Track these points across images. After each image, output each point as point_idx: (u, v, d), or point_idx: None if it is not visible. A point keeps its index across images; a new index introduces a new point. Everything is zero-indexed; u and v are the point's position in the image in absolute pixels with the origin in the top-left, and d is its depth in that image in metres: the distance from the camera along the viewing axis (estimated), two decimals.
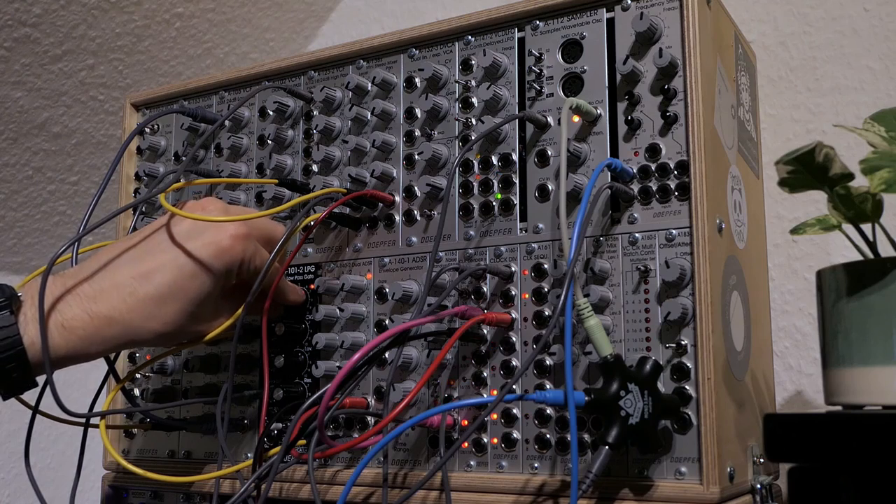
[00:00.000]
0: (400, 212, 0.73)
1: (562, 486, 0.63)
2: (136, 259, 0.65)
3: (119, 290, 0.63)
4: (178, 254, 0.64)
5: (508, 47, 0.70)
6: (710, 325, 0.59)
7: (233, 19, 1.18)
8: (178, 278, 0.64)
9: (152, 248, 0.65)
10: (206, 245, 0.65)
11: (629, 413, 0.56)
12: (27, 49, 1.01)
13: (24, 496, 1.19)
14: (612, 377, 0.57)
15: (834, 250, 0.89)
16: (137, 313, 0.63)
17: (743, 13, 0.95)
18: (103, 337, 0.62)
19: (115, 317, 0.63)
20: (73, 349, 0.62)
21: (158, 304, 0.64)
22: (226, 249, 0.65)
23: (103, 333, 0.62)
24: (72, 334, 0.61)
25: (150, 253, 0.65)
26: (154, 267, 0.64)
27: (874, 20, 0.90)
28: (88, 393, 0.79)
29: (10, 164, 1.09)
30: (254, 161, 0.82)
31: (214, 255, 0.65)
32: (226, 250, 0.65)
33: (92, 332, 0.62)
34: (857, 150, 0.69)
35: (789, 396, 0.89)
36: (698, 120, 0.61)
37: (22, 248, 1.16)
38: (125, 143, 0.81)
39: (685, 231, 0.61)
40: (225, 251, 0.65)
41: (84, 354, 0.63)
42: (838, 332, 0.58)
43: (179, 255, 0.64)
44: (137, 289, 0.63)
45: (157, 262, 0.64)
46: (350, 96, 0.77)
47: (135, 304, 0.63)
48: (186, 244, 0.65)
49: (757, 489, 0.64)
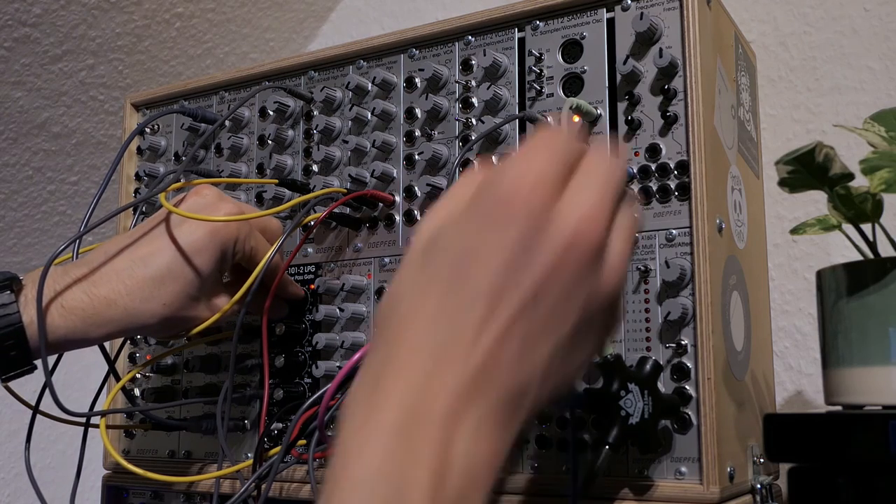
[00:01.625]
0: (400, 212, 0.73)
1: (562, 486, 0.63)
2: (134, 246, 0.66)
3: (118, 274, 0.64)
4: (174, 237, 0.66)
5: (508, 47, 0.70)
6: (710, 325, 0.59)
7: (233, 19, 1.18)
8: (175, 259, 0.66)
9: (149, 235, 0.67)
10: (201, 225, 0.66)
11: (629, 413, 0.56)
12: (27, 49, 1.01)
13: (24, 496, 1.19)
14: (612, 377, 0.57)
15: (834, 250, 0.89)
16: (137, 295, 0.64)
17: (743, 13, 0.95)
18: (103, 318, 0.63)
19: (115, 298, 0.64)
20: (73, 330, 0.62)
21: (157, 286, 0.65)
22: (219, 228, 0.67)
23: (103, 315, 0.63)
24: (71, 314, 0.62)
25: (148, 239, 0.67)
26: (151, 250, 0.66)
27: (874, 20, 0.90)
28: (88, 393, 0.79)
29: (10, 164, 1.09)
30: (254, 161, 0.82)
31: (209, 234, 0.66)
32: (219, 228, 0.67)
33: (92, 314, 0.63)
34: (857, 150, 0.69)
35: (789, 396, 0.89)
36: (698, 120, 0.61)
37: (22, 248, 1.16)
38: (125, 144, 0.81)
39: (685, 231, 0.61)
40: (219, 229, 0.67)
41: (83, 338, 0.63)
42: (838, 332, 0.58)
43: (175, 237, 0.66)
44: (136, 271, 0.65)
45: (155, 246, 0.66)
46: (350, 96, 0.77)
47: (133, 285, 0.64)
48: (182, 227, 0.66)
49: (757, 489, 0.64)
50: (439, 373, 0.38)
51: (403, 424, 0.37)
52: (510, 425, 0.39)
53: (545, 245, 0.40)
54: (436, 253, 0.41)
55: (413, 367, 0.38)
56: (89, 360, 1.17)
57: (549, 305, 0.40)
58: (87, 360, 1.17)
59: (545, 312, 0.40)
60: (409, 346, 0.39)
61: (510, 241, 0.39)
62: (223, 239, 0.67)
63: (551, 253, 0.40)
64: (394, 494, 0.35)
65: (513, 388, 0.39)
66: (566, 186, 0.41)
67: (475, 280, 0.39)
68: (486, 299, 0.39)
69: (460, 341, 0.38)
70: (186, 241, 0.66)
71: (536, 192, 0.40)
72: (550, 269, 0.40)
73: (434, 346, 0.38)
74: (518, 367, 0.39)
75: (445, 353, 0.38)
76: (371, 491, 0.35)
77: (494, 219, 0.40)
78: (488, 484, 0.38)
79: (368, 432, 0.37)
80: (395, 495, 0.35)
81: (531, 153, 0.42)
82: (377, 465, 0.36)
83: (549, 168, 0.41)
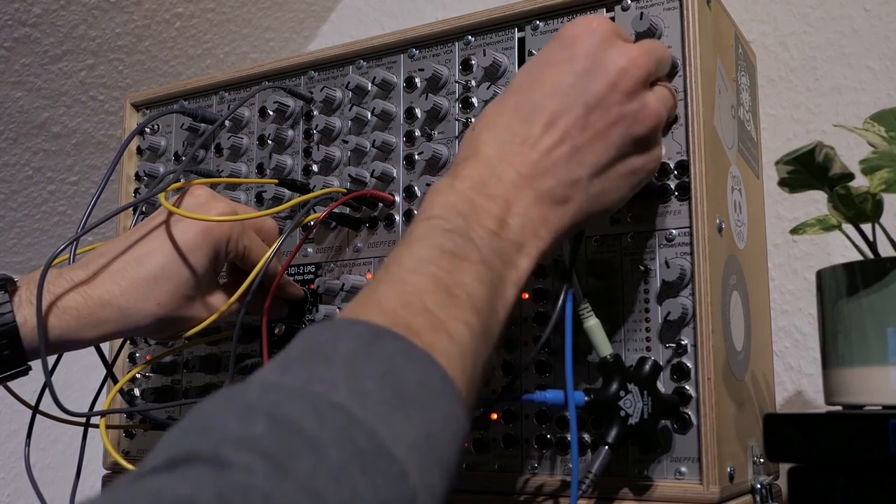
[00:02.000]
0: (400, 212, 0.73)
1: (562, 486, 0.63)
2: (128, 247, 0.67)
3: (113, 275, 0.65)
4: (168, 237, 0.66)
5: (508, 47, 0.70)
6: (710, 325, 0.59)
7: (233, 19, 1.18)
8: (169, 259, 0.66)
9: (144, 236, 0.67)
10: (193, 224, 0.66)
11: (629, 413, 0.56)
12: (27, 49, 1.01)
13: (24, 496, 1.19)
14: (611, 377, 0.57)
15: (834, 250, 0.89)
16: (131, 295, 0.64)
17: (743, 13, 0.95)
18: (98, 319, 0.64)
19: (109, 299, 0.64)
20: (67, 331, 0.63)
21: (151, 286, 0.65)
22: (212, 227, 0.67)
23: (97, 315, 0.63)
24: (65, 314, 0.62)
25: (142, 240, 0.67)
26: (146, 251, 0.66)
27: (874, 20, 0.90)
28: (88, 393, 0.79)
29: (10, 164, 1.09)
30: (254, 161, 0.82)
31: (202, 233, 0.66)
32: (212, 228, 0.67)
33: (86, 314, 0.63)
34: (857, 150, 0.69)
35: (789, 396, 0.89)
36: (698, 120, 0.61)
37: (22, 248, 1.16)
38: (125, 143, 0.81)
39: (685, 231, 0.61)
40: (212, 228, 0.67)
41: (78, 339, 0.64)
42: (838, 332, 0.58)
43: (169, 238, 0.66)
44: (130, 271, 0.65)
45: (149, 246, 0.66)
46: (350, 96, 0.77)
47: (128, 285, 0.65)
48: (175, 227, 0.67)
49: (757, 489, 0.64)
50: (505, 162, 0.50)
51: (476, 185, 0.49)
52: (555, 215, 0.50)
53: (597, 79, 0.51)
54: (510, 86, 0.54)
55: (486, 157, 0.50)
56: (89, 360, 1.16)
57: (594, 129, 0.51)
58: (86, 361, 1.17)
59: (591, 134, 0.51)
60: (483, 147, 0.51)
61: (569, 74, 0.52)
62: (216, 238, 0.67)
63: (601, 86, 0.51)
64: (464, 224, 0.47)
65: (558, 187, 0.50)
66: (619, 42, 0.53)
67: (539, 101, 0.51)
68: (547, 116, 0.51)
69: (524, 143, 0.50)
70: (180, 241, 0.66)
71: (594, 38, 0.52)
72: (599, 99, 0.51)
73: (503, 146, 0.50)
74: (565, 171, 0.50)
75: (512, 150, 0.50)
76: (446, 220, 0.46)
77: (560, 56, 0.52)
78: (539, 245, 0.49)
79: (448, 192, 0.48)
80: (465, 225, 0.46)
81: (593, 17, 0.54)
82: (453, 202, 0.48)
83: (607, 26, 0.53)
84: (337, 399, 0.36)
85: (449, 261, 0.45)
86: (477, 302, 0.44)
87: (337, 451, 0.33)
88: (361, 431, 0.35)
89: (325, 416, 0.35)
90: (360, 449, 0.34)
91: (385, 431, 0.36)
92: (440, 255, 0.45)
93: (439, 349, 0.41)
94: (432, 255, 0.45)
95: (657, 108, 0.54)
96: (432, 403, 0.39)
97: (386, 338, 0.40)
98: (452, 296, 0.43)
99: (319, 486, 0.32)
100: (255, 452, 0.32)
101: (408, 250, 0.46)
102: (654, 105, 0.54)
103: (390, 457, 0.35)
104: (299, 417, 0.34)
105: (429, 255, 0.45)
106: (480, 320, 0.44)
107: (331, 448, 0.33)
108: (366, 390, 0.37)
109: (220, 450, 0.32)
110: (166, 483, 0.30)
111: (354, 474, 0.33)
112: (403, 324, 0.41)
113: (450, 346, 0.42)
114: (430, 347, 0.40)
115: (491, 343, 0.46)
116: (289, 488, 0.31)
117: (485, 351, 0.45)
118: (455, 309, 0.43)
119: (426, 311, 0.42)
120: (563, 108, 0.51)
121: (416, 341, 0.40)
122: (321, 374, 0.37)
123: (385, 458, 0.35)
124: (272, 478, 0.31)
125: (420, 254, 0.45)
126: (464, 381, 0.42)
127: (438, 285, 0.43)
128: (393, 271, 0.45)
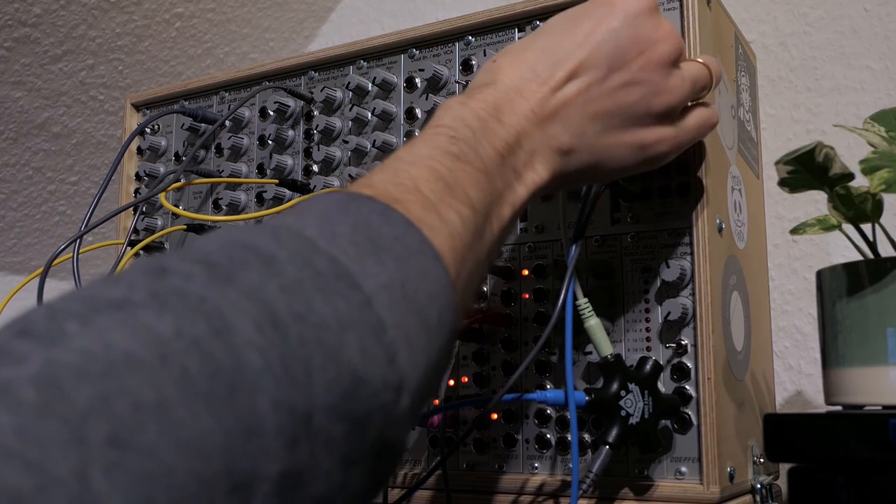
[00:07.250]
0: None
1: (562, 485, 0.63)
2: None
3: None
4: None
5: None
6: (710, 325, 0.59)
7: (233, 19, 1.18)
8: None
9: None
10: None
11: (629, 413, 0.56)
12: (27, 49, 1.01)
13: None
14: (612, 377, 0.57)
15: (834, 250, 0.89)
16: None
17: (743, 13, 0.95)
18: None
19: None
20: None
21: None
22: None
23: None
24: None
25: None
26: None
27: (874, 20, 0.90)
28: None
29: (10, 164, 1.09)
30: (254, 161, 0.82)
31: None
32: None
33: None
34: (857, 150, 0.69)
35: (789, 396, 0.89)
36: None
37: (22, 248, 1.16)
38: (125, 144, 0.81)
39: (685, 231, 0.61)
40: None
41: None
42: (838, 332, 0.58)
43: None
44: None
45: None
46: (350, 96, 0.77)
47: None
48: None
49: (757, 489, 0.64)
50: (521, 96, 0.49)
51: (490, 109, 0.48)
52: (558, 162, 0.50)
53: (628, 42, 0.51)
54: (542, 28, 0.54)
55: (504, 87, 0.49)
56: None
57: (610, 87, 0.51)
58: None
59: (606, 91, 0.51)
60: (503, 77, 0.50)
61: (604, 30, 0.51)
62: None
63: (630, 49, 0.51)
64: (472, 136, 0.45)
65: (563, 134, 0.50)
66: (658, 15, 0.53)
67: (568, 49, 0.51)
68: (572, 64, 0.50)
69: (544, 84, 0.50)
70: None
71: (636, 3, 0.52)
72: (624, 61, 0.51)
73: (523, 81, 0.50)
74: (574, 121, 0.50)
75: (530, 87, 0.50)
76: (454, 129, 0.45)
77: (599, 11, 0.52)
78: (538, 182, 0.49)
79: (460, 108, 0.47)
80: (472, 137, 0.45)
81: None
82: (463, 115, 0.46)
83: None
84: (304, 233, 0.34)
85: (451, 160, 0.43)
86: (473, 202, 0.43)
87: (292, 268, 0.32)
88: (323, 257, 0.33)
89: (285, 239, 0.33)
90: (318, 270, 0.32)
91: (351, 265, 0.34)
92: (442, 154, 0.43)
93: (427, 224, 0.39)
94: (434, 153, 0.43)
95: (679, 86, 0.53)
96: (408, 256, 0.36)
97: (363, 199, 0.38)
98: (448, 187, 0.42)
99: (268, 297, 0.30)
100: (199, 263, 0.30)
101: (408, 149, 0.44)
102: (676, 82, 0.53)
103: (353, 282, 0.33)
104: (255, 238, 0.33)
105: (430, 153, 0.43)
106: (475, 217, 0.42)
107: (286, 264, 0.32)
108: (336, 231, 0.35)
109: (164, 261, 0.30)
110: (101, 287, 0.29)
111: (309, 291, 0.31)
112: (390, 196, 0.39)
113: (438, 223, 0.40)
114: (417, 220, 0.38)
115: (483, 248, 0.44)
116: (231, 294, 0.29)
117: (478, 248, 0.43)
118: (449, 198, 0.41)
119: (418, 191, 0.40)
120: (589, 60, 0.50)
121: (400, 209, 0.38)
122: (289, 221, 0.35)
123: (346, 282, 0.33)
124: (211, 284, 0.29)
125: (421, 151, 0.43)
126: (452, 261, 0.40)
127: (435, 175, 0.42)
128: (388, 163, 0.43)
